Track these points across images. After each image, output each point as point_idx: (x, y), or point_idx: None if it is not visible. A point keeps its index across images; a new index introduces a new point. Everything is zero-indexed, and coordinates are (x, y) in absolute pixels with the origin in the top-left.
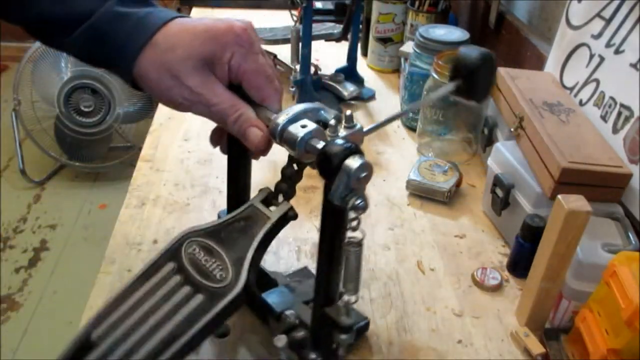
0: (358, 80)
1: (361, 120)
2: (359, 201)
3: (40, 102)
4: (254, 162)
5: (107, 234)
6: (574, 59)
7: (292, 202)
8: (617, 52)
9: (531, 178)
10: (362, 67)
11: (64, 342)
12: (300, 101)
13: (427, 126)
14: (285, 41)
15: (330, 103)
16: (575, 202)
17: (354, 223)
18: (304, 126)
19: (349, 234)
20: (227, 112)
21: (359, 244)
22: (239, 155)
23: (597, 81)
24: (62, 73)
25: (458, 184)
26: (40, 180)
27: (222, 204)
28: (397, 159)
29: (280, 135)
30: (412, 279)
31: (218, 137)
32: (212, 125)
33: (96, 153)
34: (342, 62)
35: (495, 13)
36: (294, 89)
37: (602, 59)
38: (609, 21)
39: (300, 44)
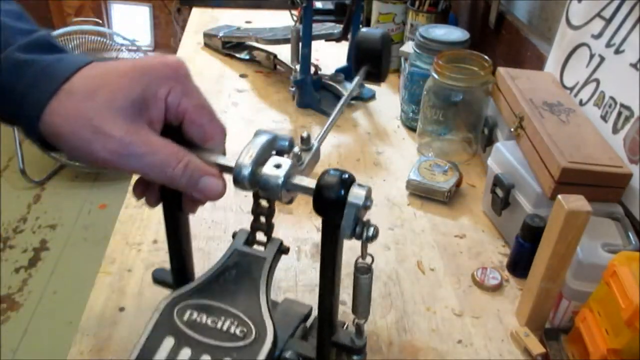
0: None
1: (361, 120)
2: (371, 231)
3: None
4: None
5: (107, 234)
6: (574, 59)
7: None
8: (617, 52)
9: (531, 178)
10: None
11: (64, 342)
12: (300, 101)
13: (427, 126)
14: (285, 41)
15: (330, 103)
16: (575, 202)
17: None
18: (277, 166)
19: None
20: (168, 163)
21: (369, 269)
22: (177, 207)
23: (597, 81)
24: None
25: (458, 184)
26: (40, 180)
27: (222, 203)
28: (397, 159)
29: (251, 180)
30: (412, 279)
31: (143, 188)
32: None
33: None
34: (342, 62)
35: (495, 13)
36: (294, 89)
37: (602, 59)
38: (609, 21)
39: (300, 44)
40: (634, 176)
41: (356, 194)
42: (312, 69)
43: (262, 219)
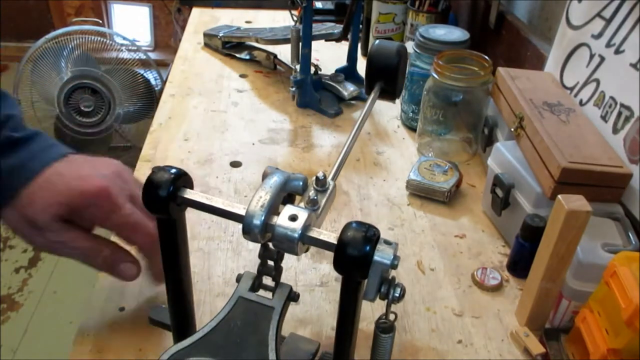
0: (358, 80)
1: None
2: (398, 291)
3: (40, 102)
4: None
5: (106, 233)
6: (574, 59)
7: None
8: (617, 52)
9: (531, 178)
10: (362, 67)
11: (64, 342)
12: (300, 101)
13: (427, 126)
14: (285, 41)
15: (330, 103)
16: (575, 202)
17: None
18: (293, 218)
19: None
20: (89, 254)
21: (392, 327)
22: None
23: (597, 81)
24: (62, 73)
25: (458, 184)
26: None
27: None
28: (397, 159)
29: (263, 232)
30: (412, 279)
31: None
32: (211, 125)
33: (96, 153)
34: (342, 62)
35: (495, 13)
36: (294, 89)
37: (602, 59)
38: (609, 21)
39: (300, 44)
40: (634, 176)
41: (383, 252)
42: (312, 69)
43: (270, 262)
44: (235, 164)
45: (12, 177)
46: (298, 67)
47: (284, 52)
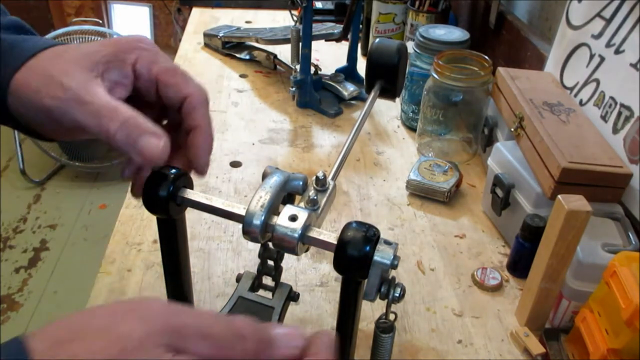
0: (358, 80)
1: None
2: (398, 291)
3: None
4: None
5: (107, 234)
6: (574, 59)
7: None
8: (617, 52)
9: (531, 178)
10: (362, 67)
11: None
12: (300, 101)
13: (427, 126)
14: (285, 41)
15: (330, 103)
16: (575, 202)
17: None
18: (293, 218)
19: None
20: (107, 115)
21: (392, 328)
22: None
23: (597, 81)
24: None
25: (458, 184)
26: (40, 180)
27: None
28: (397, 159)
29: (263, 231)
30: (412, 279)
31: (134, 170)
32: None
33: (96, 153)
34: (342, 62)
35: (495, 13)
36: (294, 89)
37: (602, 59)
38: (609, 21)
39: (300, 44)
40: (634, 176)
41: (383, 253)
42: (312, 69)
43: (270, 262)
44: (235, 164)
45: (28, 43)
46: (298, 67)
47: (284, 52)
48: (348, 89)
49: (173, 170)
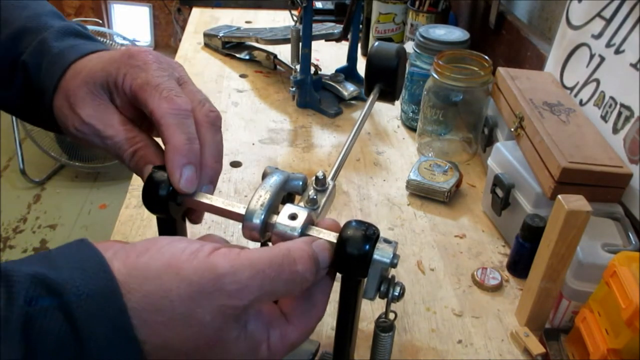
0: (358, 80)
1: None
2: (397, 290)
3: None
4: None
5: (107, 234)
6: (574, 59)
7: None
8: (617, 52)
9: (531, 178)
10: (362, 67)
11: None
12: (300, 101)
13: (427, 126)
14: (285, 41)
15: (330, 103)
16: (575, 202)
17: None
18: (293, 217)
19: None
20: (121, 146)
21: (391, 327)
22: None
23: (597, 81)
24: None
25: (458, 184)
26: (40, 180)
27: None
28: (397, 159)
29: (263, 230)
30: (412, 279)
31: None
32: None
33: (96, 153)
34: (342, 62)
35: (495, 13)
36: (294, 89)
37: (602, 59)
38: (609, 21)
39: (300, 44)
40: (634, 176)
41: (383, 251)
42: (312, 69)
43: None
44: (235, 164)
45: (64, 54)
46: (298, 67)
47: (284, 52)
48: (348, 89)
49: None
